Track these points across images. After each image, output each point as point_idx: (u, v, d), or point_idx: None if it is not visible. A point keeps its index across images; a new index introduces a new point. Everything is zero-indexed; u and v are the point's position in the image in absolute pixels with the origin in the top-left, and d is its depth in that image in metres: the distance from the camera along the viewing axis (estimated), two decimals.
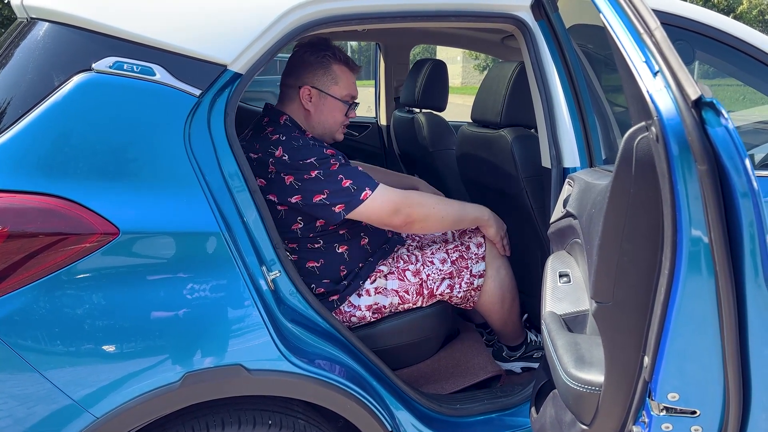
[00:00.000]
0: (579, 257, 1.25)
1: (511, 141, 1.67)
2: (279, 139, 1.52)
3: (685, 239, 0.70)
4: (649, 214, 0.73)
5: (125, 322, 1.14)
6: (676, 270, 0.71)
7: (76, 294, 1.11)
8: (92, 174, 1.13)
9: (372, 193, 1.48)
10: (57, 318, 1.10)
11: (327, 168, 1.48)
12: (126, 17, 1.18)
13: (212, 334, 1.20)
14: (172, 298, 1.17)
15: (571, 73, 1.45)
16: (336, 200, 1.48)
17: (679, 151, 0.67)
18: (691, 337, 0.74)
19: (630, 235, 0.76)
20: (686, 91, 0.65)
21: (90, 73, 1.13)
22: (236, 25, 1.25)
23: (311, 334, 1.33)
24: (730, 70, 1.78)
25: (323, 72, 1.62)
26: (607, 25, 0.79)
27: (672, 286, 0.71)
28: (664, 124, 0.67)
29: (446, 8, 1.42)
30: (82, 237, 1.10)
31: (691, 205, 0.69)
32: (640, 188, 0.73)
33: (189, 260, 1.17)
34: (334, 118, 1.66)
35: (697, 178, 0.67)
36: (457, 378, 1.74)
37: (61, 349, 1.11)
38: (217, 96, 1.22)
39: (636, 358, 0.80)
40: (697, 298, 0.72)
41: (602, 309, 0.81)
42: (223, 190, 1.22)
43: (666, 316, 0.72)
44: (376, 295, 1.61)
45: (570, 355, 0.95)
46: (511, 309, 1.77)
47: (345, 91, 1.65)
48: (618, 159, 0.75)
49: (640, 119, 0.73)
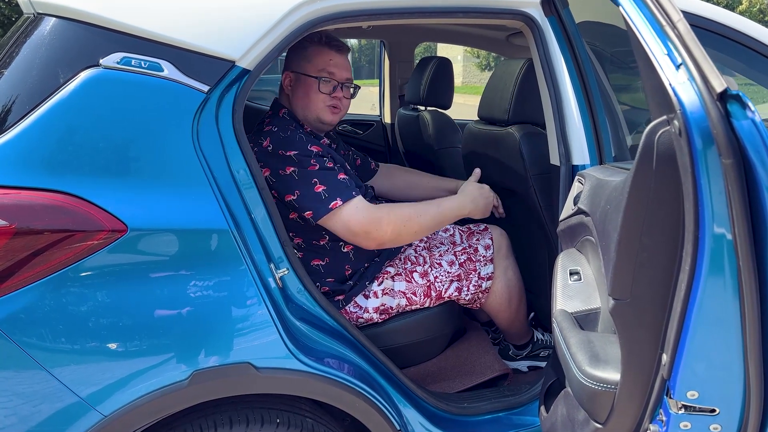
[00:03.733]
0: (590, 255, 1.24)
1: (519, 138, 1.66)
2: (271, 130, 1.50)
3: (708, 235, 0.69)
4: (669, 210, 0.72)
5: (133, 320, 1.13)
6: (697, 266, 0.70)
7: (84, 292, 1.10)
8: (100, 170, 1.12)
9: (342, 205, 1.40)
10: (64, 316, 1.09)
11: (304, 167, 1.42)
12: (134, 13, 1.17)
13: (220, 332, 1.19)
14: (180, 295, 1.16)
15: (581, 71, 1.44)
16: (304, 204, 1.42)
17: (702, 145, 0.66)
18: (712, 335, 0.73)
19: (649, 231, 0.75)
20: (711, 83, 0.64)
21: (97, 68, 1.12)
22: (245, 20, 1.24)
23: (319, 332, 1.32)
24: (739, 67, 1.77)
25: (300, 55, 1.60)
26: (627, 18, 0.78)
27: (693, 283, 0.70)
28: (688, 117, 0.66)
29: (453, 4, 1.41)
30: (89, 234, 1.09)
31: (715, 200, 0.68)
32: (660, 183, 0.72)
33: (197, 257, 1.16)
34: (310, 97, 1.58)
35: (722, 173, 0.66)
36: (464, 377, 1.73)
37: (68, 347, 1.10)
38: (225, 92, 1.21)
39: (654, 356, 0.79)
40: (718, 296, 0.71)
41: (620, 306, 0.80)
42: (231, 187, 1.21)
43: (686, 314, 0.71)
44: (383, 296, 1.60)
45: (584, 353, 0.93)
46: (518, 309, 1.76)
47: (319, 67, 1.58)
48: (638, 153, 0.74)
49: (661, 113, 0.72)
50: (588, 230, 1.15)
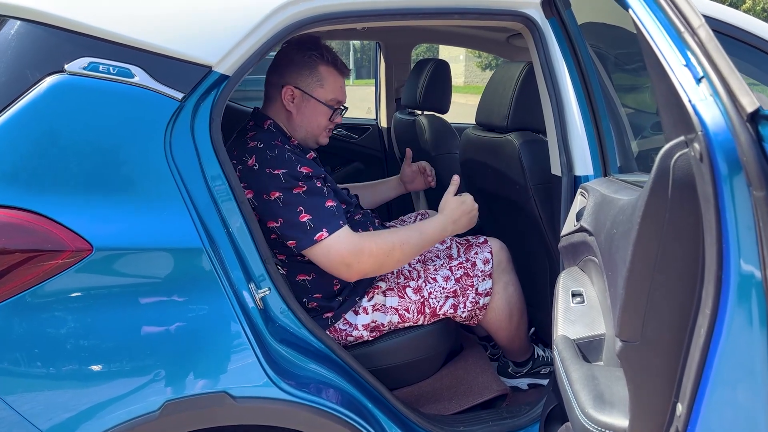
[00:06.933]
0: (594, 275, 1.16)
1: (519, 146, 1.58)
2: (256, 146, 1.40)
3: (733, 274, 0.60)
4: (687, 244, 0.63)
5: (100, 347, 1.07)
6: (720, 309, 0.61)
7: (46, 316, 1.04)
8: (63, 186, 1.05)
9: (327, 237, 1.33)
10: (25, 342, 1.03)
11: (289, 193, 1.34)
12: (102, 14, 1.09)
13: (194, 358, 1.12)
14: (150, 319, 1.09)
15: (584, 75, 1.35)
16: (287, 233, 1.35)
17: (728, 172, 0.57)
18: (736, 387, 0.64)
19: (664, 267, 0.66)
20: (740, 101, 0.55)
21: (62, 75, 1.05)
22: (222, 23, 1.16)
23: (303, 355, 1.24)
24: (749, 70, 1.67)
25: (308, 72, 1.51)
26: (638, 23, 0.69)
27: (714, 328, 0.61)
28: (711, 140, 0.57)
29: (449, 5, 1.34)
30: (51, 254, 1.03)
31: (742, 235, 0.59)
32: (677, 213, 0.63)
33: (168, 278, 1.10)
34: (317, 122, 1.54)
35: (751, 206, 0.57)
36: (461, 398, 1.64)
37: (28, 375, 1.04)
38: (202, 100, 1.14)
39: (666, 405, 0.70)
40: (744, 343, 0.62)
41: (629, 348, 0.71)
42: (207, 202, 1.13)
43: (706, 362, 0.62)
44: (374, 312, 1.52)
45: (587, 392, 0.85)
46: (518, 326, 1.68)
47: (331, 95, 1.54)
48: (652, 178, 0.65)
49: (677, 133, 0.62)
50: (591, 250, 1.07)
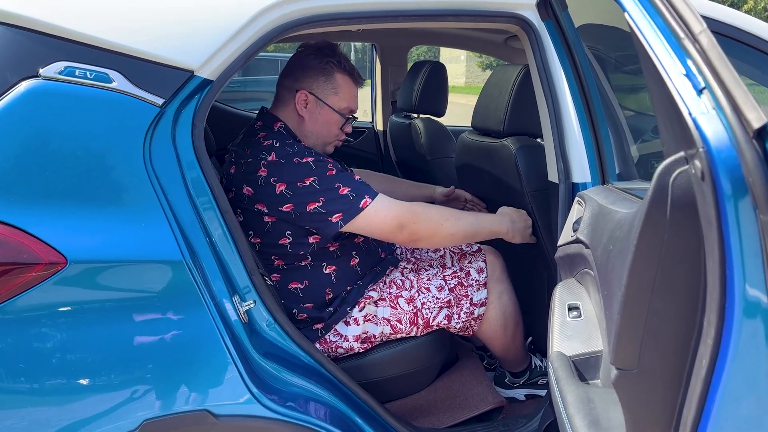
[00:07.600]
0: (591, 288, 1.11)
1: (515, 152, 1.53)
2: (272, 144, 1.40)
3: (738, 302, 0.55)
4: (687, 268, 0.59)
5: (75, 364, 1.03)
6: (723, 339, 0.56)
7: (18, 332, 0.99)
8: (37, 195, 1.01)
9: (372, 202, 1.35)
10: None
11: (323, 174, 1.36)
12: (78, 17, 1.06)
13: (175, 375, 1.08)
14: (128, 335, 1.05)
15: (581, 78, 1.31)
16: (333, 208, 1.34)
17: (732, 192, 0.52)
18: (741, 423, 0.60)
19: (662, 293, 0.61)
20: (745, 115, 0.50)
21: (36, 80, 1.01)
22: (205, 25, 1.12)
23: (289, 369, 1.20)
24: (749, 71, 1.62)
25: (324, 79, 1.50)
26: (635, 29, 0.64)
27: (717, 359, 0.57)
28: (714, 157, 0.52)
29: (443, 7, 1.30)
30: (23, 268, 0.98)
31: (747, 262, 0.54)
32: (676, 235, 0.58)
33: (147, 292, 1.06)
34: (329, 130, 1.53)
35: (758, 231, 0.52)
36: (456, 410, 1.60)
37: (1, 390, 0.99)
38: (183, 106, 1.10)
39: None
40: (750, 375, 0.58)
41: (625, 377, 0.66)
42: (188, 213, 1.09)
43: (708, 394, 0.58)
44: (365, 323, 1.47)
45: (582, 417, 0.80)
46: (514, 335, 1.63)
47: (344, 103, 1.52)
48: (649, 197, 0.60)
49: (677, 149, 0.58)
50: (588, 263, 1.02)
